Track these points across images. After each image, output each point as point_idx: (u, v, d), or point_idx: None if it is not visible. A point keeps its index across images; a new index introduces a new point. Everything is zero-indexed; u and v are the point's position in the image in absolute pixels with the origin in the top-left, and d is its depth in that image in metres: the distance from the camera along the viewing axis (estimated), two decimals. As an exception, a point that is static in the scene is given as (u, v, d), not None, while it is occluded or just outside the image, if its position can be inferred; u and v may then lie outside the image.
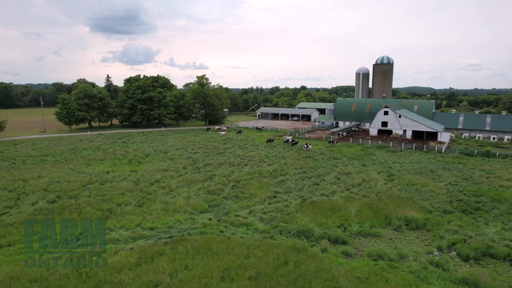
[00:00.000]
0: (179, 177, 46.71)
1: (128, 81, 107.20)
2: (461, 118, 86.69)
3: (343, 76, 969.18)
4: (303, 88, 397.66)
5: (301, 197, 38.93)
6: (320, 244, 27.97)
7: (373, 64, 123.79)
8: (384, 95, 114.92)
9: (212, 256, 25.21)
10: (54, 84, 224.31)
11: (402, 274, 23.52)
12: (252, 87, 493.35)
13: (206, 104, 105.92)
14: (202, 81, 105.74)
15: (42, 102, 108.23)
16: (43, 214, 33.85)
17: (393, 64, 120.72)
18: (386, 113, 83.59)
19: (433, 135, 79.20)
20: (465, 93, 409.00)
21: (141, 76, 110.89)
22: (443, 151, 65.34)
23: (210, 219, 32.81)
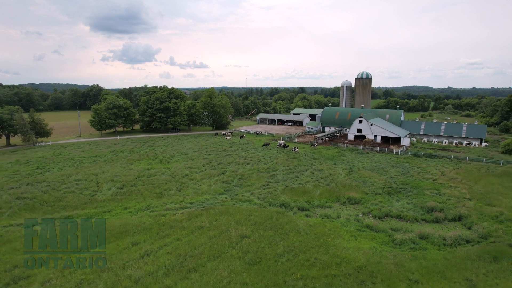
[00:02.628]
0: (201, 173, 66.22)
1: (147, 92, 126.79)
2: (422, 126, 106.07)
3: (343, 75, 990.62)
4: (301, 89, 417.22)
5: (285, 185, 58.35)
6: (292, 210, 47.30)
7: (355, 78, 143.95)
8: (362, 105, 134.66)
9: (229, 215, 44.62)
10: (70, 90, 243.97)
11: (335, 223, 42.93)
12: (252, 89, 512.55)
13: (214, 113, 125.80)
14: (211, 94, 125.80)
15: (79, 112, 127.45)
16: (121, 194, 53.29)
17: (371, 78, 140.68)
18: (360, 121, 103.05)
19: (397, 140, 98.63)
20: (458, 94, 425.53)
21: (158, 86, 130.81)
22: (399, 153, 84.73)
23: (226, 198, 52.29)
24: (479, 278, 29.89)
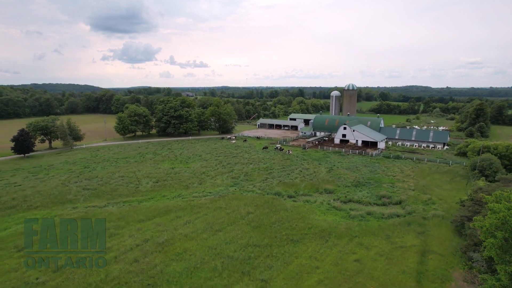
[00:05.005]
0: (214, 171, 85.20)
1: (162, 102, 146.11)
2: (398, 131, 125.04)
3: (343, 74, 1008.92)
4: (300, 92, 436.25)
5: (279, 180, 77.29)
6: (283, 197, 66.20)
7: (343, 89, 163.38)
8: (348, 113, 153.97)
9: (239, 200, 63.58)
10: (84, 95, 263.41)
11: (312, 205, 61.89)
12: (252, 90, 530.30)
13: (220, 119, 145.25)
14: (218, 104, 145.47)
15: (105, 120, 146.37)
16: (157, 186, 72.24)
17: (356, 89, 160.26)
18: (345, 128, 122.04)
19: (375, 144, 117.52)
20: (451, 96, 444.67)
21: (166, 88, 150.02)
22: (373, 155, 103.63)
23: (235, 189, 71.26)
24: (394, 234, 48.93)
